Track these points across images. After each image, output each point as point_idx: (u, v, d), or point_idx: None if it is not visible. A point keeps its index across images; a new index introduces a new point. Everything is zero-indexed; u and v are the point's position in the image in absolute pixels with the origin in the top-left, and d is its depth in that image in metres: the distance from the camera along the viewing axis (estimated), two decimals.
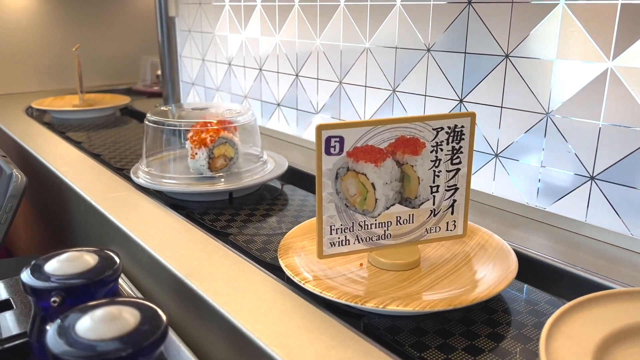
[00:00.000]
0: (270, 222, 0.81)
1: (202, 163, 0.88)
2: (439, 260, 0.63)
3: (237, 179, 0.90)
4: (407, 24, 0.92)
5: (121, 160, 1.09)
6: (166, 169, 0.94)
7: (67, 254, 0.54)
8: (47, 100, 1.64)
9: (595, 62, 0.68)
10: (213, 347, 0.57)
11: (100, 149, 1.19)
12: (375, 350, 0.48)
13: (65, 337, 0.41)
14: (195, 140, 0.89)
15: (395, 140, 0.57)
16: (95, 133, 1.37)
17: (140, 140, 1.28)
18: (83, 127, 1.45)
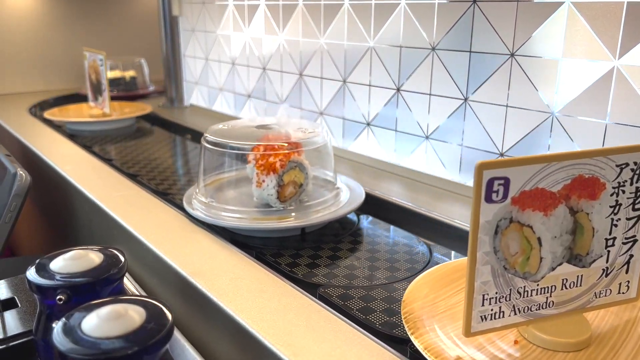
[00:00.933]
0: (359, 267, 0.68)
1: (270, 192, 0.75)
2: (612, 334, 0.49)
3: (309, 211, 0.76)
4: (411, 23, 0.91)
5: (163, 183, 0.97)
6: (226, 199, 0.82)
7: (73, 252, 0.54)
8: (59, 110, 1.48)
9: (601, 61, 0.68)
10: (218, 346, 0.57)
11: (136, 167, 1.05)
12: (380, 349, 0.47)
13: (71, 335, 0.41)
14: (262, 165, 0.75)
15: (571, 181, 0.45)
16: (120, 146, 1.24)
17: (171, 155, 1.20)
18: (104, 139, 1.31)
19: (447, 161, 0.90)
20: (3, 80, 1.81)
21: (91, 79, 1.47)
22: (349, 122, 1.09)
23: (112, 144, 1.27)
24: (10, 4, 1.77)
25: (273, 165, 0.75)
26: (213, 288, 0.57)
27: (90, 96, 1.49)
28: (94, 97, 1.47)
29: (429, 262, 0.68)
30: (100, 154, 1.14)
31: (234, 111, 1.47)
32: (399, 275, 0.65)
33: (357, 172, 1.01)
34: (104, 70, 1.39)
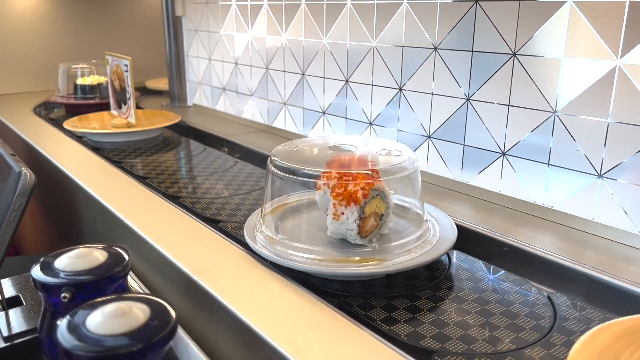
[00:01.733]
0: (472, 324, 0.55)
1: (351, 227, 0.63)
2: None
3: (396, 251, 0.63)
4: (414, 23, 0.92)
5: (209, 207, 0.82)
6: (294, 231, 0.70)
7: (77, 251, 0.55)
8: (79, 120, 1.36)
9: (603, 60, 0.68)
10: (221, 344, 0.57)
11: (175, 187, 0.93)
12: (384, 347, 0.48)
13: (76, 332, 0.42)
14: (340, 194, 0.63)
15: None
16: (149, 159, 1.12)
17: (210, 173, 1.03)
18: (129, 151, 1.19)
19: (449, 160, 0.90)
20: (8, 80, 1.82)
21: (114, 86, 1.36)
22: (352, 121, 1.09)
23: (139, 156, 1.15)
24: (14, 4, 1.78)
25: (354, 195, 0.62)
26: (216, 286, 0.57)
27: (113, 104, 1.38)
28: (117, 105, 1.36)
29: (555, 318, 0.55)
30: (127, 167, 1.04)
31: (236, 111, 1.47)
32: (526, 336, 0.52)
33: None
34: (129, 77, 1.27)
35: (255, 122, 1.40)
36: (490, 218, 0.78)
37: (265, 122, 1.36)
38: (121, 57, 1.30)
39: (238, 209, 0.83)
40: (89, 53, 1.92)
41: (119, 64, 1.32)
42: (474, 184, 0.87)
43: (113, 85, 1.36)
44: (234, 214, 0.81)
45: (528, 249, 0.68)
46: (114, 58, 1.33)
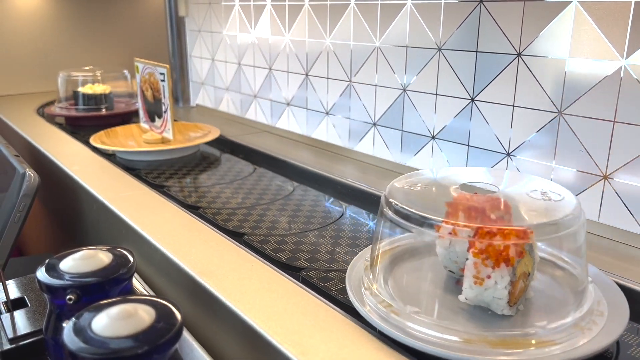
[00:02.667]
0: None
1: (500, 295, 0.47)
2: None
3: (556, 330, 0.46)
4: (418, 23, 0.91)
5: (287, 252, 0.70)
6: (413, 297, 0.53)
7: (82, 252, 0.55)
8: (106, 135, 1.21)
9: (608, 61, 0.68)
10: (226, 345, 0.57)
11: (236, 221, 0.80)
12: (388, 350, 0.48)
13: (82, 335, 0.42)
14: (483, 252, 0.47)
15: None
16: (186, 180, 1.01)
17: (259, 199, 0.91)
18: (163, 169, 1.06)
19: (453, 160, 0.90)
20: (10, 81, 1.82)
21: (145, 96, 1.20)
22: (355, 122, 1.09)
23: (180, 177, 1.03)
24: (17, 5, 1.78)
25: (504, 253, 0.47)
26: (221, 288, 0.57)
27: (144, 117, 1.23)
28: (149, 118, 1.21)
29: None
30: (173, 194, 0.91)
31: (240, 112, 1.47)
32: None
33: (363, 172, 1.02)
34: (165, 87, 1.11)
35: (258, 123, 1.40)
36: None
37: (268, 123, 1.36)
38: (156, 65, 1.14)
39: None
40: (91, 53, 1.92)
41: (152, 72, 1.15)
42: None
43: (144, 95, 1.20)
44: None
45: None
46: (146, 65, 1.15)
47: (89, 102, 1.48)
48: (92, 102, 1.47)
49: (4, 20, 1.76)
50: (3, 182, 0.93)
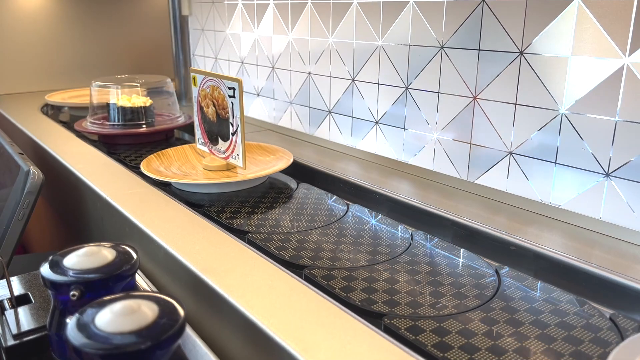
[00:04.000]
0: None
1: None
2: None
3: None
4: (420, 21, 0.91)
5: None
6: None
7: (86, 249, 0.55)
8: (157, 160, 1.02)
9: (610, 59, 0.68)
10: (229, 342, 0.57)
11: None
12: (391, 346, 0.48)
13: (85, 330, 0.42)
14: None
15: None
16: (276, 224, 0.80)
17: None
18: (232, 205, 0.87)
19: (455, 159, 0.90)
20: (15, 79, 1.83)
21: (204, 114, 0.98)
22: (358, 120, 1.09)
23: (243, 208, 0.85)
24: (22, 4, 1.79)
25: None
26: (224, 284, 0.58)
27: (201, 137, 1.01)
28: (209, 140, 0.99)
29: None
30: (259, 242, 0.74)
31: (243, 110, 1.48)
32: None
33: (365, 170, 1.02)
34: (236, 105, 0.89)
35: (261, 121, 1.40)
36: (496, 217, 0.78)
37: (271, 122, 1.36)
38: (223, 77, 0.90)
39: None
40: (94, 53, 1.93)
41: (216, 85, 0.91)
42: (480, 182, 0.87)
43: (203, 112, 0.97)
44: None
45: (535, 248, 0.68)
46: (207, 77, 0.93)
47: (127, 116, 1.25)
48: (131, 116, 1.25)
49: (8, 19, 1.77)
50: (7, 180, 0.94)
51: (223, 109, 0.91)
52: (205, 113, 0.97)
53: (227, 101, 0.90)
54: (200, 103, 0.98)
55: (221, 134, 0.95)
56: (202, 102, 0.97)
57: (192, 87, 0.99)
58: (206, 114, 0.97)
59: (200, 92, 0.97)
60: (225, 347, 0.58)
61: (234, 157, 0.93)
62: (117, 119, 1.26)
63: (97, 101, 1.31)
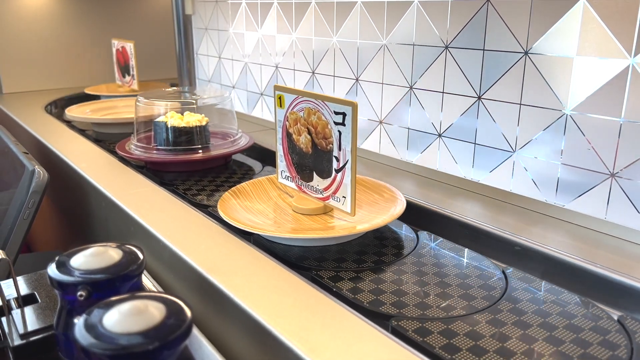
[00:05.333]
0: None
1: None
2: None
3: None
4: (424, 21, 0.91)
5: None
6: None
7: (92, 249, 0.55)
8: (233, 197, 0.82)
9: (616, 59, 0.68)
10: (235, 342, 0.58)
11: None
12: (397, 347, 0.48)
13: (93, 331, 0.42)
14: None
15: None
16: None
17: None
18: None
19: (460, 158, 0.90)
20: (19, 78, 1.83)
21: (294, 142, 0.82)
22: (362, 120, 1.09)
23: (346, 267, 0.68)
24: (26, 3, 1.79)
25: None
26: (229, 284, 0.58)
27: (286, 170, 0.86)
28: (298, 174, 0.83)
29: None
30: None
31: (246, 109, 1.48)
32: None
33: (370, 169, 1.02)
34: (348, 135, 0.71)
35: (264, 120, 1.40)
36: (501, 217, 0.78)
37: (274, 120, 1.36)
38: (325, 99, 0.74)
39: None
40: (98, 52, 1.93)
41: (315, 109, 0.75)
42: (485, 182, 0.87)
43: (291, 140, 0.82)
44: None
45: (540, 249, 0.68)
46: (301, 97, 0.79)
47: (179, 138, 1.03)
48: (184, 138, 1.03)
49: (12, 18, 1.77)
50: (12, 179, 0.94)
51: (324, 138, 0.73)
52: (294, 141, 0.79)
53: (331, 129, 0.71)
54: (287, 129, 0.80)
55: (318, 169, 0.76)
56: (291, 127, 0.79)
57: (275, 108, 0.81)
58: (296, 142, 0.78)
59: (289, 116, 0.78)
60: (231, 347, 0.58)
61: (336, 199, 0.74)
62: (167, 142, 1.03)
63: (141, 117, 1.12)
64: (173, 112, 1.06)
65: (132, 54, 1.64)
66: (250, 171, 1.04)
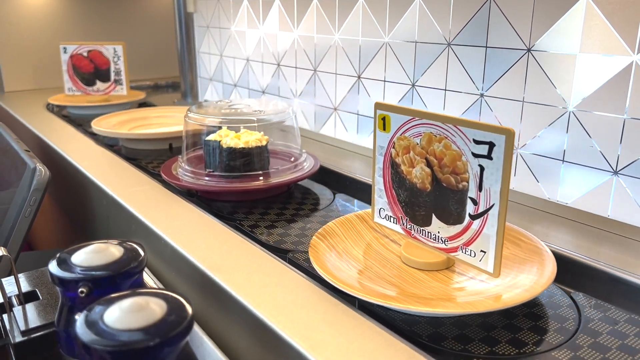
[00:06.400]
0: None
1: None
2: None
3: None
4: (427, 18, 0.91)
5: None
6: None
7: (93, 246, 0.55)
8: (323, 239, 0.65)
9: (619, 56, 0.68)
10: (236, 339, 0.57)
11: None
12: (398, 343, 0.48)
13: (94, 327, 0.42)
14: None
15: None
16: None
17: None
18: None
19: None
20: (20, 76, 1.83)
21: (401, 175, 0.47)
22: (363, 117, 1.09)
23: None
24: (28, 2, 1.79)
25: None
26: (231, 282, 0.58)
27: (387, 208, 0.69)
28: (406, 215, 0.61)
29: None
30: None
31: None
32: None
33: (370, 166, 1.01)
34: (495, 172, 0.60)
35: None
36: None
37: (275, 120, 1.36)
38: (464, 124, 0.56)
39: None
40: None
41: (442, 135, 0.61)
42: None
43: (397, 173, 0.65)
44: None
45: None
46: (422, 120, 0.60)
47: (236, 161, 0.86)
48: (242, 162, 0.86)
49: (14, 17, 1.77)
50: (14, 177, 0.94)
51: (454, 173, 0.56)
52: (402, 174, 0.62)
53: (466, 163, 0.54)
54: (392, 157, 0.63)
55: (440, 212, 0.59)
56: (399, 156, 0.62)
57: (375, 131, 0.64)
58: (405, 176, 0.62)
59: (397, 142, 0.61)
60: (232, 344, 0.58)
61: (469, 252, 0.57)
62: (221, 165, 0.87)
63: (191, 135, 0.95)
64: (226, 129, 0.90)
65: (119, 56, 1.56)
66: (320, 201, 0.87)
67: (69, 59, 1.57)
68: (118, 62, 1.56)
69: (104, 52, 1.57)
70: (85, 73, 1.58)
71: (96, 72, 1.58)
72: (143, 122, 1.35)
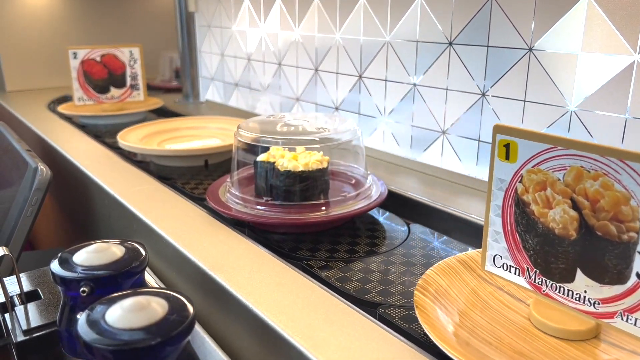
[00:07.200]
0: None
1: None
2: None
3: None
4: (428, 17, 0.91)
5: None
6: None
7: (95, 246, 0.55)
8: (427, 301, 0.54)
9: (620, 55, 0.68)
10: (237, 338, 0.58)
11: None
12: (399, 343, 0.48)
13: (96, 326, 0.42)
14: None
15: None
16: None
17: None
18: None
19: (464, 155, 0.90)
20: (22, 76, 1.83)
21: (532, 220, 0.49)
22: (365, 117, 1.09)
23: None
24: (29, 1, 1.79)
25: None
26: (232, 281, 0.58)
27: (511, 259, 0.46)
28: (538, 268, 0.43)
29: None
30: None
31: (249, 106, 1.48)
32: None
33: (373, 167, 1.01)
34: None
35: None
36: None
37: None
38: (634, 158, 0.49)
39: None
40: None
41: (597, 170, 0.55)
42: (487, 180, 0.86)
43: (525, 214, 0.56)
44: None
45: None
46: (568, 152, 0.42)
47: (294, 186, 0.73)
48: (300, 187, 0.73)
49: (15, 17, 1.78)
50: (15, 177, 0.94)
51: (615, 220, 0.43)
52: (531, 215, 0.49)
53: (638, 210, 0.42)
54: (518, 194, 0.50)
55: (591, 266, 0.46)
56: (529, 193, 0.49)
57: (493, 159, 0.51)
58: (537, 218, 0.49)
59: (527, 175, 0.48)
60: (234, 344, 0.58)
61: (634, 321, 0.43)
62: (275, 191, 0.74)
63: (242, 154, 0.81)
64: (279, 149, 0.77)
65: (135, 59, 1.44)
66: (391, 235, 0.75)
67: (80, 65, 1.43)
68: (134, 65, 1.45)
69: (118, 56, 1.44)
70: (98, 80, 1.45)
71: (110, 78, 1.46)
72: (174, 133, 1.22)
